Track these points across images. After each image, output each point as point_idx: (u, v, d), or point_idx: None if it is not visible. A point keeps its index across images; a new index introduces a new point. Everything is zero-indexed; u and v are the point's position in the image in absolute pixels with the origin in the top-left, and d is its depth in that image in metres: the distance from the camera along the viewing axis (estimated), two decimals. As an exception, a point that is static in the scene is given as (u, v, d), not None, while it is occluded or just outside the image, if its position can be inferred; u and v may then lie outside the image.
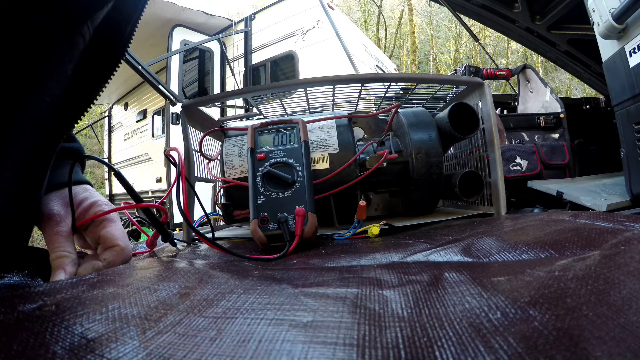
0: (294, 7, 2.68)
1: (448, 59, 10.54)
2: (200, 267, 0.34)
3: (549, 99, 1.63)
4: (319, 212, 0.47)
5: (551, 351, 0.13)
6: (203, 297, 0.24)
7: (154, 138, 3.63)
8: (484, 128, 0.62)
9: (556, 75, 8.53)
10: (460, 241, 0.36)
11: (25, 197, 0.31)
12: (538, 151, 1.39)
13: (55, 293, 0.24)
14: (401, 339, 0.16)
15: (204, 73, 3.07)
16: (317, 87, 0.65)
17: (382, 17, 9.04)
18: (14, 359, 0.16)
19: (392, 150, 0.62)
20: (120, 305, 0.22)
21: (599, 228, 0.30)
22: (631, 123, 0.86)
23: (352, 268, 0.30)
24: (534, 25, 1.59)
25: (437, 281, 0.24)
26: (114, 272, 0.31)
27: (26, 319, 0.20)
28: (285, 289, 0.25)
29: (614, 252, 0.23)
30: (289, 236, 0.43)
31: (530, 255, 0.28)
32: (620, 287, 0.17)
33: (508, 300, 0.18)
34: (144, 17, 0.31)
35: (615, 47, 0.88)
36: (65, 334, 0.18)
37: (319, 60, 2.47)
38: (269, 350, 0.16)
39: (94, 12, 0.27)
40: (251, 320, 0.19)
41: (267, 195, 0.47)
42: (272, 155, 0.50)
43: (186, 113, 0.62)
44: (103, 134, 5.06)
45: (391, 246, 0.40)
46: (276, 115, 0.81)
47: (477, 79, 0.63)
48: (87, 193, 0.39)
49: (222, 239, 0.60)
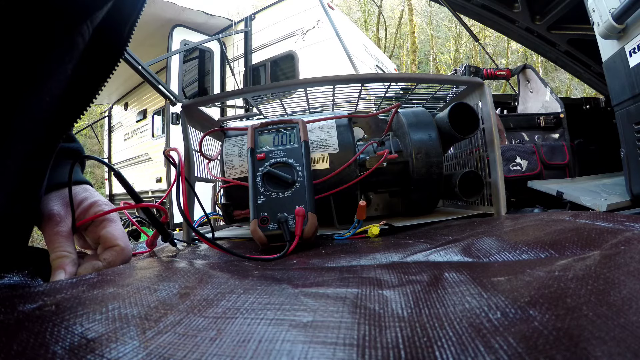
0: (294, 7, 2.68)
1: (448, 59, 10.54)
2: (200, 267, 0.34)
3: (549, 99, 1.63)
4: (319, 212, 0.47)
5: (551, 351, 0.13)
6: (203, 297, 0.24)
7: (154, 138, 3.63)
8: (484, 128, 0.62)
9: (556, 75, 8.54)
10: (460, 241, 0.36)
11: (25, 197, 0.31)
12: (538, 151, 1.39)
13: (55, 293, 0.24)
14: (401, 339, 0.16)
15: (204, 73, 3.07)
16: (317, 87, 0.65)
17: (382, 17, 9.04)
18: (14, 358, 0.16)
19: (392, 150, 0.62)
20: (120, 305, 0.22)
21: (599, 228, 0.30)
22: (631, 123, 0.86)
23: (352, 268, 0.30)
24: (534, 25, 1.59)
25: (437, 281, 0.24)
26: (114, 272, 0.31)
27: (26, 318, 0.20)
28: (285, 289, 0.25)
29: (614, 252, 0.23)
30: (289, 236, 0.43)
31: (530, 255, 0.28)
32: (620, 287, 0.17)
33: (508, 300, 0.18)
34: (144, 17, 0.31)
35: (615, 47, 0.88)
36: (65, 334, 0.18)
37: (319, 60, 2.47)
38: (269, 350, 0.16)
39: (94, 12, 0.27)
40: (251, 320, 0.19)
41: (267, 195, 0.47)
42: (272, 155, 0.50)
43: (186, 113, 0.62)
44: (103, 134, 5.07)
45: (391, 246, 0.40)
46: (276, 115, 0.81)
47: (477, 79, 0.63)
48: (87, 193, 0.39)
49: (222, 239, 0.60)
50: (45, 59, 0.25)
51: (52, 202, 0.36)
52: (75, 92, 0.30)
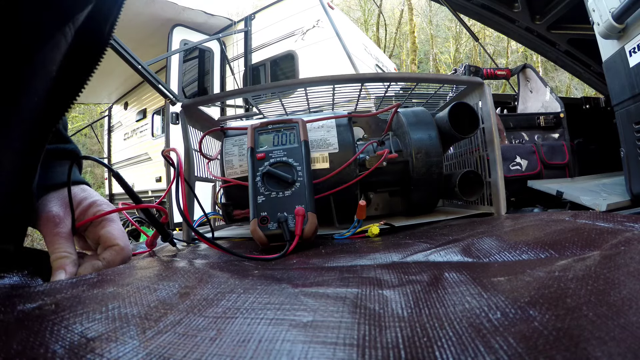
0: (293, 6, 2.68)
1: (448, 59, 10.54)
2: (200, 266, 0.34)
3: (548, 99, 1.63)
4: (319, 211, 0.47)
5: (551, 351, 0.13)
6: (203, 297, 0.24)
7: (153, 138, 3.63)
8: (483, 128, 0.62)
9: (556, 74, 8.53)
10: (460, 241, 0.36)
11: (18, 195, 0.31)
12: (538, 151, 1.39)
13: (55, 293, 0.24)
14: (401, 339, 0.16)
15: (203, 72, 3.07)
16: (316, 87, 0.65)
17: (382, 17, 9.03)
18: (13, 357, 0.16)
19: (392, 149, 0.62)
20: (120, 304, 0.22)
21: (599, 228, 0.30)
22: (631, 123, 0.86)
23: (352, 268, 0.30)
24: (534, 25, 1.59)
25: (437, 281, 0.24)
26: (114, 272, 0.31)
27: (26, 318, 0.20)
28: (285, 289, 0.25)
29: (614, 253, 0.23)
30: (289, 236, 0.43)
31: (530, 255, 0.28)
32: (620, 287, 0.17)
33: (508, 301, 0.18)
34: (143, 17, 0.32)
35: (615, 47, 0.88)
36: (65, 333, 0.18)
37: (318, 60, 2.47)
38: (269, 350, 0.16)
39: (76, 14, 0.28)
40: (251, 320, 0.19)
41: (267, 195, 0.47)
42: (272, 155, 0.50)
43: (186, 113, 0.62)
44: (103, 133, 5.06)
45: (391, 246, 0.40)
46: (276, 115, 0.81)
47: (477, 79, 0.63)
48: (86, 193, 0.39)
49: (222, 239, 0.60)
50: (32, 60, 0.26)
51: (51, 203, 0.36)
52: (60, 92, 0.30)
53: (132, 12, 2.34)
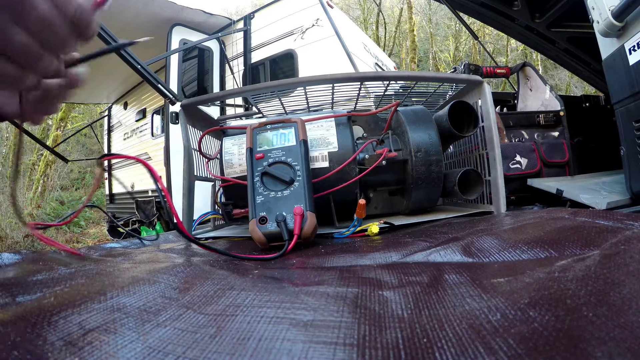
0: (293, 5, 2.67)
1: (447, 57, 10.52)
2: (199, 263, 0.34)
3: (548, 97, 1.63)
4: (319, 210, 0.47)
5: (551, 352, 0.13)
6: (203, 293, 0.24)
7: (153, 137, 3.62)
8: (483, 126, 0.62)
9: (556, 73, 8.52)
10: (460, 240, 0.36)
11: None
12: (538, 149, 1.39)
13: (53, 284, 0.24)
14: (401, 340, 0.16)
15: (203, 72, 3.06)
16: (316, 86, 0.65)
17: (382, 15, 9.00)
18: (11, 349, 0.16)
19: (391, 148, 0.62)
20: (118, 294, 0.22)
21: (598, 226, 0.30)
22: (631, 121, 0.86)
23: (351, 268, 0.30)
24: (533, 23, 1.59)
25: (437, 282, 0.24)
26: (113, 265, 0.31)
27: (24, 309, 0.20)
28: (285, 287, 0.25)
29: (613, 252, 0.23)
30: (288, 235, 0.43)
31: (530, 255, 0.28)
32: (620, 287, 0.17)
33: (508, 302, 0.18)
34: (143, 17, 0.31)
35: (614, 45, 0.88)
36: (63, 325, 0.18)
37: (318, 59, 2.46)
38: (269, 349, 0.16)
39: None
40: (251, 318, 0.19)
41: (265, 194, 0.47)
42: (271, 155, 0.50)
43: (185, 112, 0.62)
44: (102, 133, 5.06)
45: (391, 245, 0.40)
46: (275, 114, 0.81)
47: (477, 77, 0.63)
48: None
49: (221, 238, 0.60)
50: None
51: None
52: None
53: (132, 12, 2.33)
